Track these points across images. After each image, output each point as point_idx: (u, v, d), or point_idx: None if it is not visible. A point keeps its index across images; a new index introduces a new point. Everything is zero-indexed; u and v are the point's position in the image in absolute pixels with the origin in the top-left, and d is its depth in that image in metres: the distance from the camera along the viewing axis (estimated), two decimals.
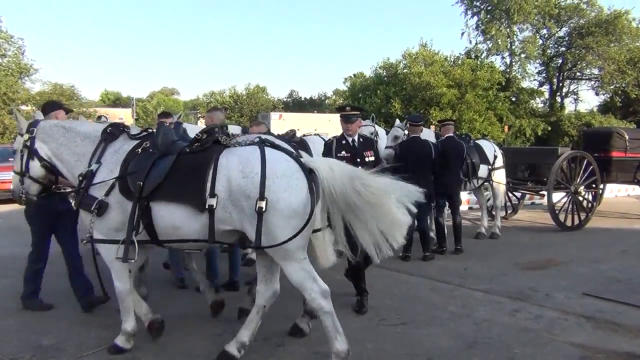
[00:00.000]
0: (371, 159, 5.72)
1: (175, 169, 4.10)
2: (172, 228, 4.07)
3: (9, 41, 31.52)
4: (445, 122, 9.22)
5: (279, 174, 3.91)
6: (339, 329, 4.03)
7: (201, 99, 53.08)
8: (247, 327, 4.33)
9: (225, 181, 3.94)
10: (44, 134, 4.60)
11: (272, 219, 3.84)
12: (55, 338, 4.69)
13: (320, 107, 52.39)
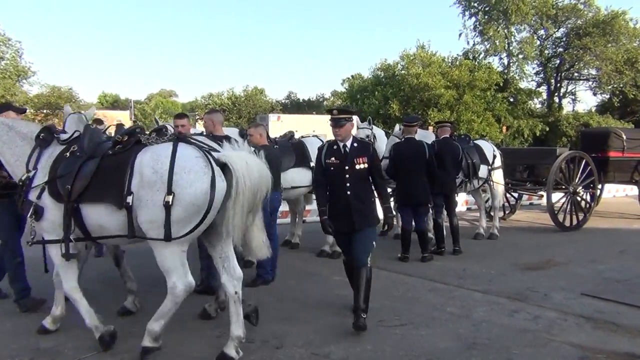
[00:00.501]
0: (363, 166, 5.14)
1: (99, 170, 4.31)
2: (98, 226, 4.31)
3: (6, 44, 31.51)
4: (442, 123, 9.23)
5: (186, 169, 4.09)
6: (170, 315, 4.28)
7: (199, 101, 53.07)
8: (235, 322, 4.39)
9: (139, 177, 4.14)
10: None
11: (177, 212, 4.03)
12: (53, 341, 4.67)
13: (318, 108, 52.36)
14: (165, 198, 4.01)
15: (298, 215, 9.09)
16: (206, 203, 4.07)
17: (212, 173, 4.11)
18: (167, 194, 4.01)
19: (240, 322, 4.41)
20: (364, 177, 5.21)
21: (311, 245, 8.61)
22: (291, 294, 6.14)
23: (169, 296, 4.23)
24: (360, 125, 9.25)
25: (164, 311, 4.27)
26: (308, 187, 7.90)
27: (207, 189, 4.06)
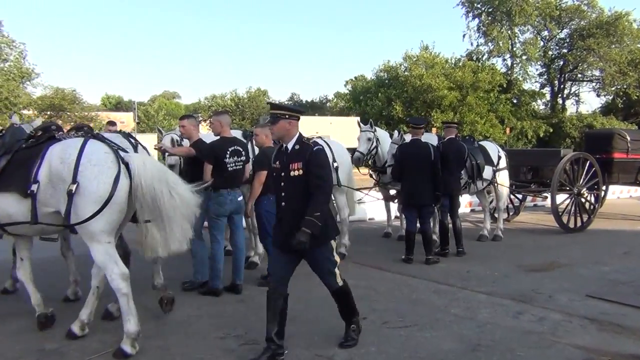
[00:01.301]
0: (297, 173, 4.27)
1: (10, 163, 4.67)
2: (6, 215, 4.60)
3: (10, 45, 31.60)
4: (449, 124, 9.22)
5: (93, 162, 4.41)
6: (133, 311, 4.47)
7: (203, 102, 53.05)
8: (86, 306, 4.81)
9: (47, 167, 4.46)
10: None
11: (80, 201, 4.33)
12: (58, 342, 4.68)
13: (321, 110, 52.43)
14: (69, 187, 4.30)
15: None
16: (107, 195, 4.34)
17: (118, 169, 4.44)
18: (71, 183, 4.31)
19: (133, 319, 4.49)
20: (300, 186, 4.28)
21: None
22: (295, 295, 6.05)
23: (117, 293, 4.49)
24: (363, 127, 9.26)
25: (124, 309, 4.49)
26: None
27: (109, 182, 4.37)
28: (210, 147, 6.14)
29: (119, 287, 4.43)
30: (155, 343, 4.64)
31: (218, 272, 6.09)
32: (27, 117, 32.54)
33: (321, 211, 4.22)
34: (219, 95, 50.22)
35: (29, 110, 34.85)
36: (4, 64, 31.78)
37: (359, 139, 9.20)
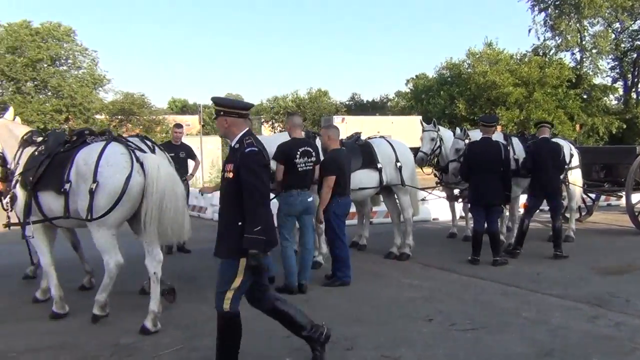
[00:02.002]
0: (229, 176, 3.88)
1: (50, 165, 5.29)
2: (48, 209, 5.27)
3: (83, 53, 33.12)
4: (542, 123, 8.88)
5: (110, 163, 5.00)
6: (109, 288, 5.17)
7: (264, 104, 53.83)
8: (153, 299, 5.09)
9: (75, 169, 5.09)
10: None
11: (99, 197, 4.93)
12: (132, 337, 4.85)
13: (382, 109, 52.05)
14: (90, 186, 4.91)
15: (365, 217, 9.07)
16: (119, 192, 4.93)
17: (131, 168, 5.01)
18: (92, 182, 4.92)
19: (156, 300, 5.09)
20: (231, 190, 3.89)
21: (378, 247, 8.56)
22: (361, 296, 6.13)
23: (106, 273, 5.14)
24: (426, 127, 9.13)
25: (105, 284, 5.17)
26: (375, 189, 7.87)
27: (121, 181, 4.95)
28: (281, 148, 6.22)
29: (111, 271, 5.11)
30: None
31: (292, 269, 6.16)
32: (100, 122, 34.09)
33: (261, 223, 3.74)
34: (280, 96, 50.80)
35: (102, 114, 36.44)
36: (78, 71, 33.38)
37: (422, 139, 9.08)
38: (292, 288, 6.14)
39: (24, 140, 5.75)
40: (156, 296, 5.11)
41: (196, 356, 4.41)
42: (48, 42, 30.99)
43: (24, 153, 5.65)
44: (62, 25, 32.19)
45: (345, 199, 6.57)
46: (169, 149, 8.84)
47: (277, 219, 6.39)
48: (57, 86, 30.77)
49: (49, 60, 31.20)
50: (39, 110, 29.80)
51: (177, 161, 8.71)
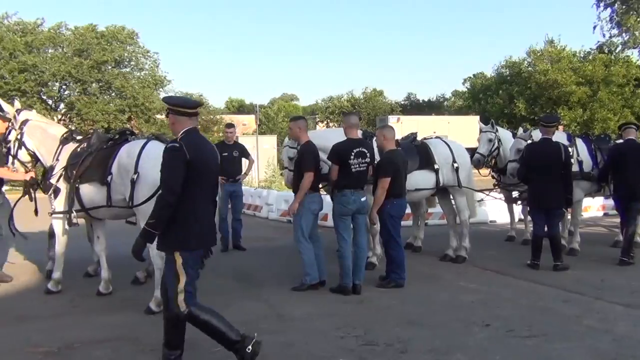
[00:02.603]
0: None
1: (94, 159, 5.85)
2: (90, 200, 5.87)
3: (145, 55, 34.10)
4: (627, 125, 8.52)
5: (150, 156, 5.41)
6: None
7: (320, 104, 54.07)
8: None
9: (117, 162, 5.68)
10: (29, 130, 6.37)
11: (139, 187, 5.43)
12: (191, 332, 4.84)
13: (438, 109, 51.32)
14: (131, 176, 5.46)
15: (420, 218, 8.96)
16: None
17: None
18: (133, 173, 5.46)
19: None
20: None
21: (434, 249, 8.44)
22: (415, 298, 6.06)
23: (155, 267, 5.49)
24: (483, 128, 8.93)
25: (156, 281, 5.43)
26: (431, 190, 7.77)
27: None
28: (335, 149, 6.23)
29: (156, 262, 5.35)
30: (278, 339, 4.76)
31: (347, 270, 6.14)
32: (160, 121, 35.12)
33: (157, 218, 3.81)
34: (336, 96, 50.87)
35: (162, 114, 37.51)
36: (141, 73, 34.43)
37: (479, 140, 8.90)
38: (346, 289, 6.13)
39: (64, 138, 6.26)
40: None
41: None
42: (112, 44, 32.09)
43: (64, 150, 6.14)
44: (125, 28, 33.26)
45: (400, 200, 6.50)
46: (222, 149, 9.01)
47: (333, 219, 6.42)
48: (121, 87, 31.81)
49: (113, 62, 32.28)
50: (103, 110, 30.90)
51: (231, 160, 8.89)
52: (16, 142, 6.33)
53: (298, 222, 6.24)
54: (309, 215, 6.27)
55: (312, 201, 6.27)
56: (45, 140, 6.37)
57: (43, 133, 6.41)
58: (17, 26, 31.43)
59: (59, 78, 31.16)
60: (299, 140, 6.41)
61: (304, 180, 6.11)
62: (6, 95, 29.41)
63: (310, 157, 6.19)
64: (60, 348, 4.54)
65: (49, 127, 6.63)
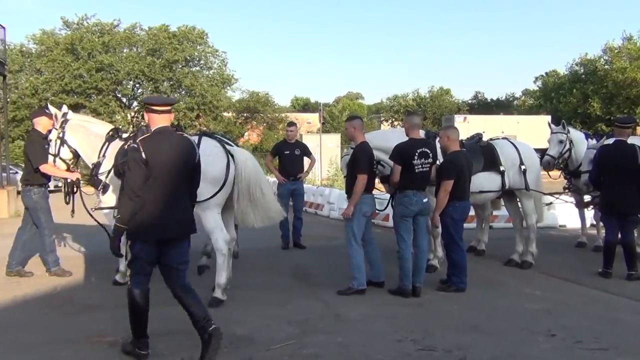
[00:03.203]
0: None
1: None
2: None
3: (214, 55, 34.97)
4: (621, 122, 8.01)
5: (206, 153, 5.48)
6: (226, 268, 5.71)
7: (384, 102, 53.78)
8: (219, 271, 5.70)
9: None
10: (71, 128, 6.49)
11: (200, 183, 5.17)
12: (249, 329, 5.02)
13: (507, 108, 49.91)
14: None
15: (484, 221, 8.72)
16: (222, 178, 5.73)
17: (228, 158, 5.83)
18: None
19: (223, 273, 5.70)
20: None
21: (498, 253, 8.19)
22: (476, 304, 5.89)
23: (217, 253, 5.73)
24: (554, 129, 8.58)
25: (220, 265, 5.69)
26: (496, 192, 7.54)
27: (219, 168, 5.73)
28: (398, 149, 6.15)
29: (221, 248, 5.67)
30: (334, 339, 4.76)
31: (407, 272, 6.05)
32: (227, 119, 35.88)
33: (121, 214, 4.10)
34: (401, 95, 50.43)
35: (229, 112, 38.37)
36: (209, 72, 35.36)
37: (549, 141, 8.55)
38: (406, 291, 6.04)
39: (110, 135, 6.43)
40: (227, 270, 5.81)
41: (306, 353, 4.46)
42: (183, 44, 33.11)
43: (110, 147, 6.30)
44: (196, 28, 34.25)
45: (463, 202, 6.34)
46: (283, 147, 9.11)
47: (393, 220, 6.34)
48: (190, 86, 32.79)
49: (183, 62, 33.33)
50: (173, 107, 31.97)
51: (292, 159, 8.94)
52: (58, 141, 6.49)
53: (349, 224, 6.17)
54: (360, 217, 6.16)
55: (364, 203, 6.15)
56: (88, 137, 6.51)
57: (85, 131, 6.57)
58: (96, 27, 32.95)
59: (133, 77, 32.47)
60: (355, 140, 6.33)
61: (357, 183, 6.02)
62: (84, 94, 31.04)
63: (365, 158, 6.10)
64: (124, 338, 4.70)
65: (92, 126, 6.77)
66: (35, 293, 6.27)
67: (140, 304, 4.23)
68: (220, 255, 5.68)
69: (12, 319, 5.36)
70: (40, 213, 6.85)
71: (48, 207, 6.94)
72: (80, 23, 32.85)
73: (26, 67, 31.84)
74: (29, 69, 31.83)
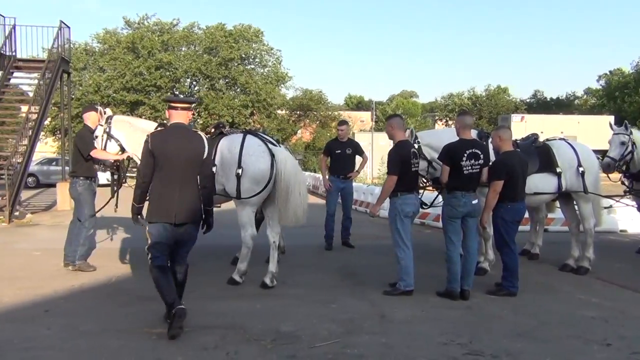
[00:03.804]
0: None
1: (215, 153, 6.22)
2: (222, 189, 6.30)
3: (269, 53, 35.36)
4: None
5: (250, 152, 6.18)
6: (247, 258, 6.39)
7: (439, 101, 53.03)
8: (271, 262, 6.39)
9: (220, 156, 6.24)
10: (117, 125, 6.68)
11: (244, 181, 6.13)
12: (293, 326, 5.04)
13: (567, 108, 48.26)
14: (236, 171, 6.10)
15: (539, 224, 8.45)
16: (266, 177, 6.17)
17: (272, 157, 6.21)
18: (237, 168, 6.10)
19: (274, 262, 6.39)
20: None
21: (553, 257, 7.93)
22: (528, 309, 5.71)
23: (243, 244, 6.32)
24: (615, 129, 8.23)
25: (244, 255, 6.37)
26: (552, 195, 7.29)
27: (263, 167, 6.17)
28: (447, 149, 6.04)
29: (247, 242, 6.28)
30: (379, 340, 4.71)
31: (455, 275, 5.93)
32: (280, 117, 36.20)
33: (134, 196, 4.78)
34: (456, 93, 49.58)
35: (282, 110, 38.72)
36: (264, 69, 35.80)
37: (610, 143, 8.21)
38: (454, 293, 5.92)
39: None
40: (274, 259, 6.41)
41: (350, 352, 4.43)
42: (239, 42, 33.64)
43: None
44: (252, 27, 34.72)
45: (515, 204, 6.14)
46: (335, 146, 9.10)
47: (442, 222, 6.22)
48: (245, 83, 33.28)
49: (239, 60, 33.86)
50: (228, 105, 32.51)
51: (343, 157, 8.90)
52: (104, 135, 6.64)
53: (394, 226, 6.06)
54: (403, 218, 6.03)
55: (406, 203, 6.03)
56: (134, 132, 6.55)
57: (131, 126, 6.72)
58: (156, 26, 33.90)
59: (190, 74, 33.25)
60: (393, 139, 6.24)
61: (385, 183, 6.06)
62: (144, 91, 31.99)
63: (397, 158, 5.98)
64: None
65: (137, 122, 7.05)
66: (92, 283, 6.51)
67: (159, 280, 4.69)
68: (245, 248, 6.32)
69: (69, 307, 5.58)
70: (82, 205, 7.06)
71: (91, 200, 7.13)
72: (141, 22, 33.90)
73: (90, 65, 33.08)
74: (92, 66, 33.06)
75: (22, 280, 6.63)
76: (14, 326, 4.95)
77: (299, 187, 6.36)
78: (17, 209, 12.58)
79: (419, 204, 6.26)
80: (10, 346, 4.45)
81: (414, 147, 6.21)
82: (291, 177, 6.25)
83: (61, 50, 15.75)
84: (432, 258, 7.59)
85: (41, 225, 11.75)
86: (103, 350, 4.38)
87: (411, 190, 6.09)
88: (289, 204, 6.23)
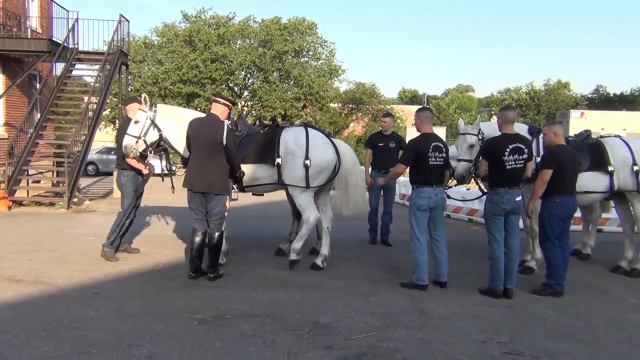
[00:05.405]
0: None
1: (257, 143, 6.81)
2: (252, 179, 6.79)
3: (322, 45, 35.40)
4: None
5: (316, 144, 6.72)
6: (304, 238, 6.78)
7: (495, 95, 51.76)
8: (324, 245, 6.97)
9: (285, 147, 6.68)
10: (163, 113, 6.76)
11: (312, 171, 6.66)
12: (331, 317, 5.07)
13: (632, 104, 46.17)
14: (304, 162, 6.59)
15: (592, 224, 8.17)
16: (332, 166, 6.77)
17: (335, 148, 6.81)
18: (305, 159, 6.59)
19: (327, 246, 6.94)
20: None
21: (605, 259, 7.67)
22: (574, 310, 5.55)
23: (304, 224, 6.74)
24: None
25: (302, 234, 6.75)
26: (603, 194, 7.02)
27: (331, 158, 6.76)
28: (487, 143, 5.95)
29: (310, 222, 6.69)
30: (416, 335, 4.70)
31: (498, 273, 5.82)
32: (332, 110, 36.20)
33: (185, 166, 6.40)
34: (514, 88, 48.27)
35: (335, 103, 38.73)
36: (317, 62, 35.87)
37: None
38: (496, 292, 5.82)
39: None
40: (327, 243, 6.96)
41: (386, 346, 4.43)
42: (293, 35, 33.83)
43: None
44: (306, 19, 34.83)
45: (564, 198, 5.93)
46: (378, 139, 8.93)
47: (484, 219, 6.11)
48: (298, 76, 33.46)
49: (292, 53, 34.06)
50: (281, 97, 32.80)
51: (386, 151, 8.67)
52: (147, 121, 6.53)
53: (409, 219, 6.12)
54: (416, 211, 6.01)
55: (420, 196, 5.99)
56: (180, 122, 6.52)
57: (178, 116, 6.74)
58: (212, 20, 34.52)
59: (245, 67, 33.70)
60: (420, 130, 6.20)
61: (394, 167, 6.43)
62: (199, 83, 32.68)
63: (411, 149, 6.10)
64: (214, 317, 4.94)
65: (183, 111, 7.12)
66: (139, 269, 6.75)
67: (194, 240, 6.15)
68: (305, 229, 6.72)
69: (117, 291, 5.81)
70: (124, 195, 7.26)
71: (133, 192, 7.21)
72: (198, 16, 34.61)
73: (148, 58, 34.05)
74: (150, 59, 34.02)
75: (75, 263, 6.95)
76: (65, 306, 5.21)
77: (356, 178, 7.06)
78: (75, 196, 13.12)
79: (438, 198, 6.08)
80: (62, 325, 4.69)
81: (438, 142, 6.06)
82: (350, 168, 6.95)
83: (120, 43, 16.28)
84: (477, 255, 7.48)
85: (97, 211, 12.21)
86: (145, 333, 4.54)
87: (428, 183, 5.99)
88: (349, 193, 6.96)
